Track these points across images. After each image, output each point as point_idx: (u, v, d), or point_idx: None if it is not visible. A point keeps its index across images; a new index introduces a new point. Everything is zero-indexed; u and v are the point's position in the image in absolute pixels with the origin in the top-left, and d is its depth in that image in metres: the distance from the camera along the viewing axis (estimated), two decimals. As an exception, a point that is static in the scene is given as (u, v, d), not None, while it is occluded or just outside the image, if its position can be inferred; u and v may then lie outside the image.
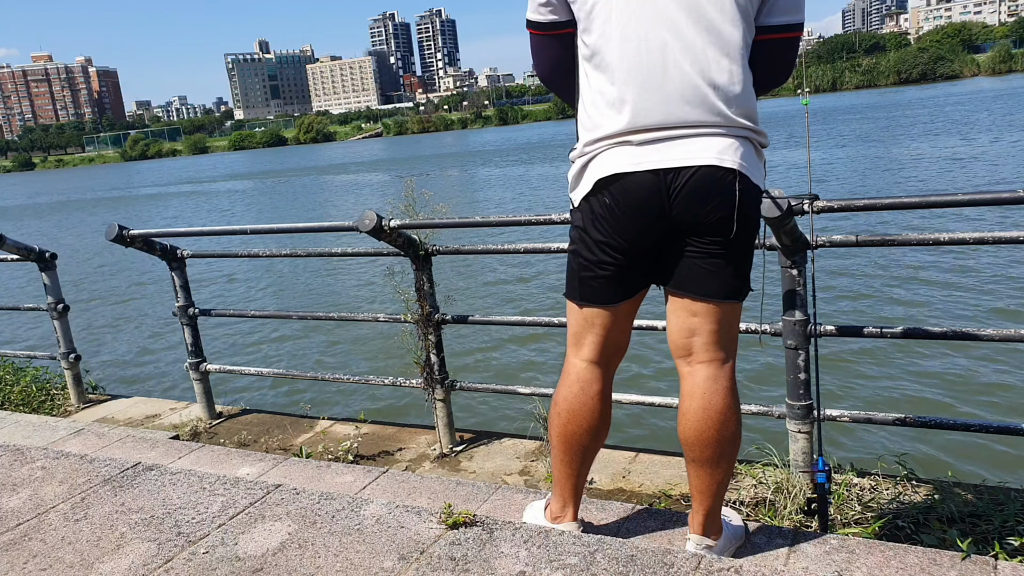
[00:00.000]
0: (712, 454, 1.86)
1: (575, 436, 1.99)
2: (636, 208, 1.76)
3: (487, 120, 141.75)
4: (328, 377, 3.91)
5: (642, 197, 1.74)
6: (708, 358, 1.86)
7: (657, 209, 1.75)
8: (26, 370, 4.98)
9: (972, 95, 54.28)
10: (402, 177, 36.29)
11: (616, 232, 1.80)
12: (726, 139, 1.72)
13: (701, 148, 1.71)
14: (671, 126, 1.71)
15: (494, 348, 7.72)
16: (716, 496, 1.92)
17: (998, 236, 2.28)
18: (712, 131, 1.72)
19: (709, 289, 1.81)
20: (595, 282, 1.89)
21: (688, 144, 1.71)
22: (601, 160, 1.79)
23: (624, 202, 1.76)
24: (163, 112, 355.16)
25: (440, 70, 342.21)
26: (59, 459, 2.67)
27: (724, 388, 1.85)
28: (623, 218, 1.78)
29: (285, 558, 1.89)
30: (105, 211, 35.28)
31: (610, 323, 1.93)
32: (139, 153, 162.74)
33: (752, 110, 1.76)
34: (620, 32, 1.71)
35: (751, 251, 1.86)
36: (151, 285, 13.55)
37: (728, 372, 1.87)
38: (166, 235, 3.92)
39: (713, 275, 1.80)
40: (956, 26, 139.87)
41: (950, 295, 8.04)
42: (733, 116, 1.72)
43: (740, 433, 1.89)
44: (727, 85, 1.70)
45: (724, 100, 1.70)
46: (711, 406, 1.84)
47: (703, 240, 1.77)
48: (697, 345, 1.86)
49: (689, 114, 1.71)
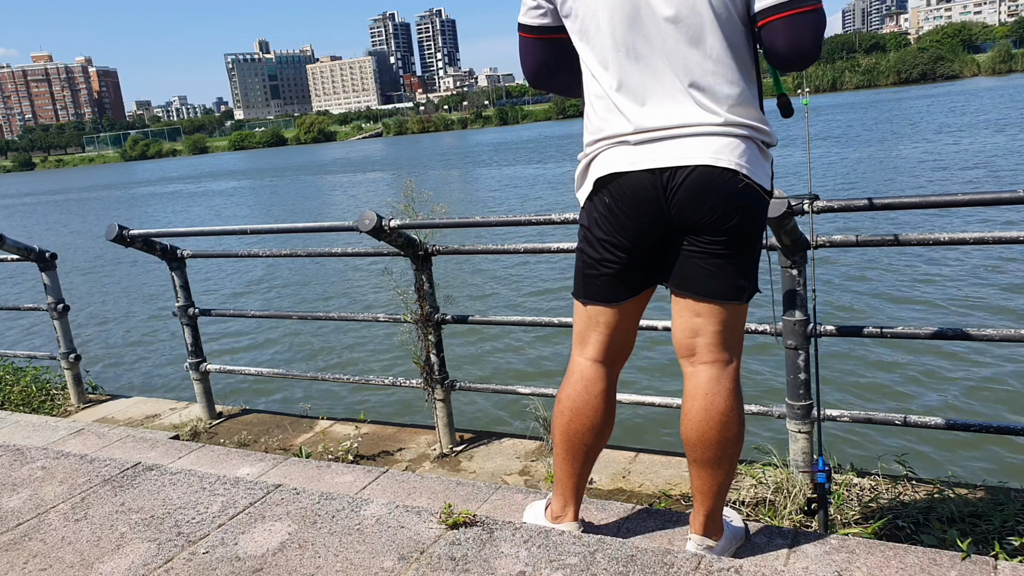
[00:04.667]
0: (714, 455, 1.86)
1: (577, 435, 1.99)
2: (635, 207, 1.78)
3: (487, 120, 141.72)
4: (328, 377, 3.91)
5: (640, 197, 1.76)
6: (711, 359, 1.85)
7: (655, 208, 1.76)
8: (26, 370, 4.98)
9: (972, 94, 54.29)
10: (402, 177, 36.31)
11: (617, 231, 1.82)
12: (723, 139, 1.72)
13: (697, 147, 1.71)
14: (667, 127, 1.73)
15: (494, 348, 7.71)
16: (717, 497, 1.92)
17: (998, 236, 2.28)
18: (708, 131, 1.71)
19: (711, 290, 1.81)
20: (598, 280, 1.90)
21: (685, 144, 1.72)
22: (601, 160, 1.81)
23: (623, 201, 1.79)
24: (163, 112, 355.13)
25: (440, 70, 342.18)
26: (59, 459, 2.67)
27: (727, 389, 1.84)
28: (623, 217, 1.80)
29: (285, 558, 1.89)
30: (105, 211, 35.29)
31: (614, 322, 1.93)
32: (139, 153, 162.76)
33: (752, 109, 1.75)
34: (611, 39, 1.75)
35: (756, 252, 1.84)
36: (151, 285, 13.55)
37: (731, 373, 1.86)
38: (166, 235, 3.92)
39: (715, 276, 1.79)
40: (956, 26, 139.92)
41: (950, 295, 8.04)
42: (729, 115, 1.71)
43: (742, 435, 1.88)
44: (716, 85, 1.71)
45: (716, 100, 1.71)
46: (713, 407, 1.84)
47: (703, 240, 1.77)
48: (700, 345, 1.86)
49: (684, 115, 1.72)
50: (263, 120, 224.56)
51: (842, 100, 72.07)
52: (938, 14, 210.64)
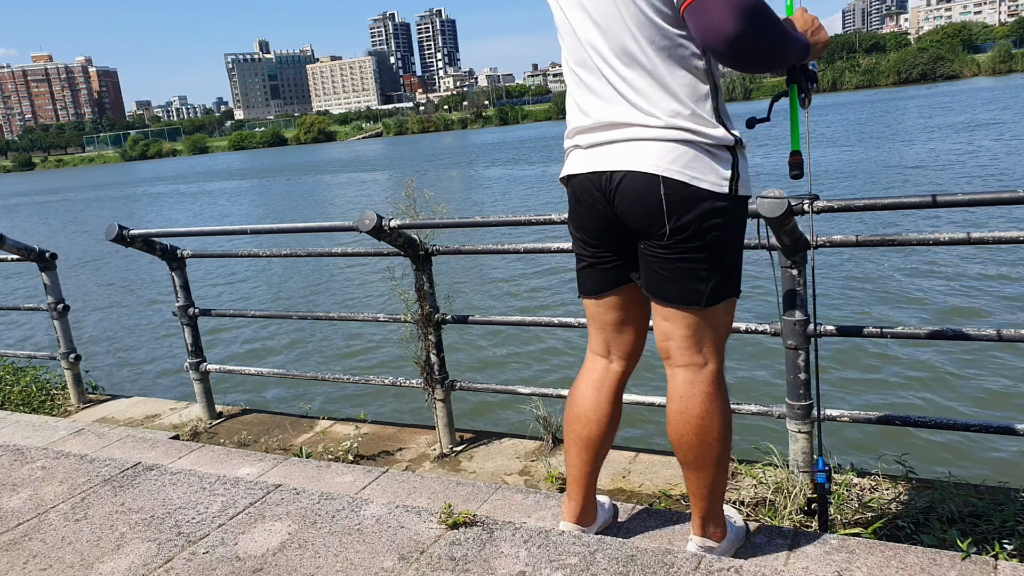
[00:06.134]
0: (694, 457, 1.85)
1: (573, 428, 2.02)
2: (587, 208, 1.84)
3: (487, 120, 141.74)
4: (328, 377, 3.91)
5: (588, 200, 1.82)
6: (684, 362, 1.84)
7: (605, 211, 1.80)
8: (26, 370, 4.98)
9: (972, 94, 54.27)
10: (402, 176, 36.29)
11: (579, 227, 1.91)
12: (658, 143, 1.69)
13: (629, 153, 1.72)
14: (609, 132, 1.76)
15: (494, 348, 7.71)
16: (708, 499, 1.91)
17: (998, 236, 2.28)
18: (644, 135, 1.70)
19: (669, 295, 1.80)
20: (581, 273, 1.98)
21: (620, 149, 1.74)
22: (567, 159, 1.90)
23: (578, 202, 1.86)
24: (163, 112, 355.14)
25: (440, 70, 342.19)
26: (59, 459, 2.67)
27: (702, 392, 1.82)
28: (582, 215, 1.88)
29: (285, 558, 1.89)
30: (105, 211, 35.28)
31: (600, 314, 1.97)
32: (139, 153, 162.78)
33: (690, 111, 1.68)
34: (571, 42, 1.81)
35: (719, 255, 1.76)
36: (151, 285, 13.55)
37: (707, 376, 1.83)
38: (166, 235, 3.92)
39: (670, 280, 1.78)
40: (956, 26, 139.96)
41: (950, 295, 8.04)
42: (669, 119, 1.68)
43: (726, 437, 1.85)
44: (650, 90, 1.68)
45: (652, 104, 1.68)
46: (688, 410, 1.83)
47: (652, 244, 1.77)
48: (672, 349, 1.85)
49: (623, 120, 1.73)
50: (263, 120, 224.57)
51: (842, 100, 72.06)
52: (938, 14, 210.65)
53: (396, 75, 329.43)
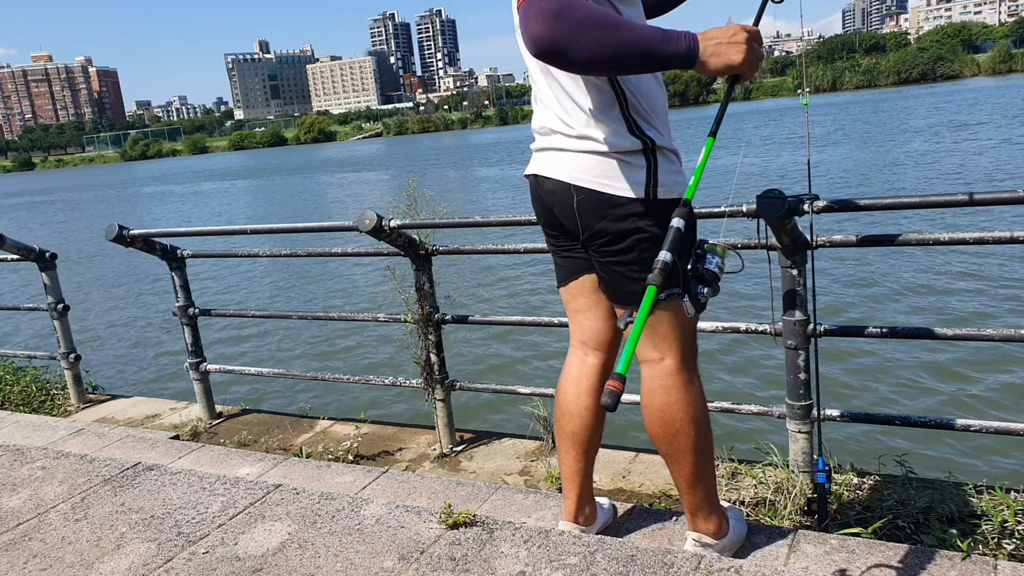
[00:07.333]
0: (666, 450, 1.89)
1: (560, 424, 2.07)
2: (538, 204, 1.95)
3: (487, 120, 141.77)
4: (328, 377, 3.91)
5: (535, 197, 1.95)
6: (643, 358, 1.89)
7: (549, 212, 1.90)
8: (26, 370, 4.98)
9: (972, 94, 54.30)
10: (402, 177, 36.30)
11: (539, 219, 2.03)
12: (572, 153, 1.77)
13: (552, 160, 1.82)
14: (545, 134, 1.84)
15: (494, 348, 7.72)
16: (691, 492, 1.92)
17: (998, 236, 2.28)
18: (564, 144, 1.79)
19: (611, 295, 1.89)
20: (554, 263, 2.05)
21: (548, 155, 1.84)
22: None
23: (532, 198, 1.99)
24: (163, 112, 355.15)
25: (440, 70, 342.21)
26: (59, 459, 2.68)
27: (660, 387, 1.85)
28: (536, 211, 2.01)
29: (285, 558, 1.89)
30: (105, 210, 35.29)
31: (571, 302, 2.03)
32: (139, 153, 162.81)
33: (596, 120, 1.70)
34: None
35: (647, 257, 1.71)
36: (151, 285, 13.56)
37: (664, 371, 1.85)
38: (166, 235, 3.92)
39: (606, 281, 1.87)
40: (956, 26, 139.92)
41: (950, 295, 8.04)
42: (584, 129, 1.74)
43: (691, 430, 1.84)
44: (560, 98, 1.77)
45: (570, 115, 1.76)
46: (649, 404, 1.88)
47: (588, 247, 1.85)
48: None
49: (550, 128, 1.81)
50: (263, 120, 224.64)
51: (842, 100, 72.06)
52: (938, 14, 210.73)
53: (396, 75, 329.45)
